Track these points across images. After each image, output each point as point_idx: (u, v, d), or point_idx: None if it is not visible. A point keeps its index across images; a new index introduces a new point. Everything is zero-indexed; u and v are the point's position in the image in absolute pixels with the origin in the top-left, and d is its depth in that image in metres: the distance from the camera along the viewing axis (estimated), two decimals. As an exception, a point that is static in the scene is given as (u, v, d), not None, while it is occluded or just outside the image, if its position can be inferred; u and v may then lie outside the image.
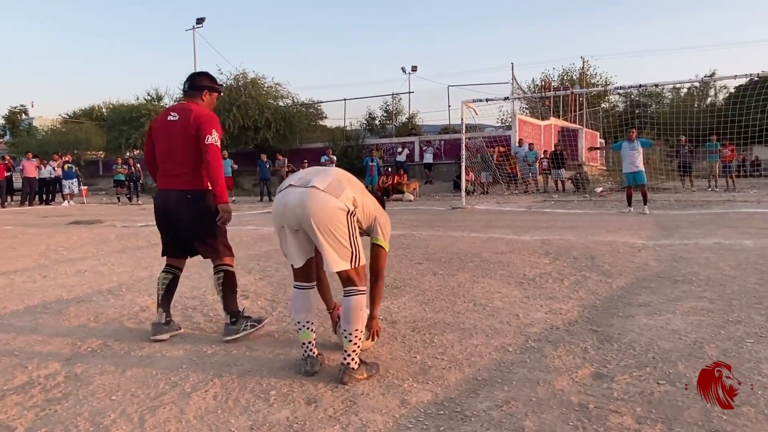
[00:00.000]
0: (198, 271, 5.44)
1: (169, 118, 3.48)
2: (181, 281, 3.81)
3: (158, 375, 2.89)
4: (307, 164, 19.23)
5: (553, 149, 19.70)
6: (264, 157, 20.32)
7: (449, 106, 28.68)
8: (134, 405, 2.53)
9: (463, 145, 14.72)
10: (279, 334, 3.61)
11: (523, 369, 2.87)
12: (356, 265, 2.76)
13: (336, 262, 2.68)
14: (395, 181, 18.41)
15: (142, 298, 4.66)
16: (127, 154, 24.59)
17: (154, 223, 3.70)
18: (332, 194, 2.68)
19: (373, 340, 3.20)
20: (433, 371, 2.87)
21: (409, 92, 35.10)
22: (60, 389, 2.73)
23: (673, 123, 20.16)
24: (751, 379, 2.63)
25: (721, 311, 3.82)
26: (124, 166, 20.33)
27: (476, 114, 15.00)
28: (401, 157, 23.20)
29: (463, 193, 14.67)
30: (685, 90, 46.62)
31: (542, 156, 19.56)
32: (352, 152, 23.90)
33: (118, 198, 20.40)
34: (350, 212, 2.72)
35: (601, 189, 17.17)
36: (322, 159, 18.85)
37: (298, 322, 2.89)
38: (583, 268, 5.53)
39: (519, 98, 26.71)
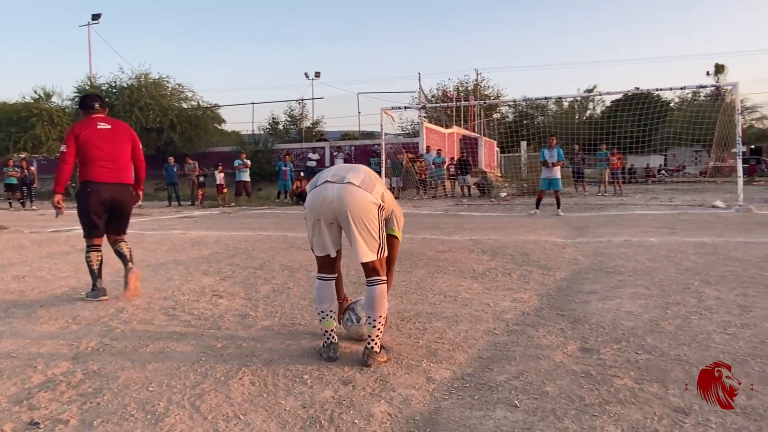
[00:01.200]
0: (190, 271, 5.37)
1: (100, 127, 4.58)
2: (174, 282, 3.82)
3: (182, 368, 2.95)
4: (221, 168, 18.83)
5: (460, 156, 20.67)
6: (171, 160, 19.66)
7: (359, 112, 29.24)
8: (177, 394, 2.61)
9: (384, 151, 15.14)
10: (278, 327, 3.74)
11: (518, 347, 3.23)
12: (382, 256, 2.99)
13: (366, 253, 2.90)
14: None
15: (111, 301, 4.56)
16: (21, 155, 22.69)
17: (79, 218, 4.57)
18: (366, 190, 2.90)
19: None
20: (441, 353, 3.16)
21: (318, 98, 35.18)
22: (88, 384, 2.73)
23: (556, 132, 21.91)
24: (708, 346, 3.15)
25: (659, 296, 4.41)
26: (16, 169, 18.81)
27: (394, 120, 15.51)
28: (312, 162, 23.31)
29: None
30: (566, 103, 50.36)
31: (449, 162, 20.46)
32: (262, 157, 23.66)
33: (10, 203, 18.85)
34: (380, 206, 2.95)
35: (505, 194, 18.27)
36: (236, 163, 18.54)
37: (322, 311, 3.05)
38: (522, 264, 6.05)
39: (435, 106, 27.64)
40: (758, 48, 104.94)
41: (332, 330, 3.06)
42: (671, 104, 44.86)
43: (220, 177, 18.42)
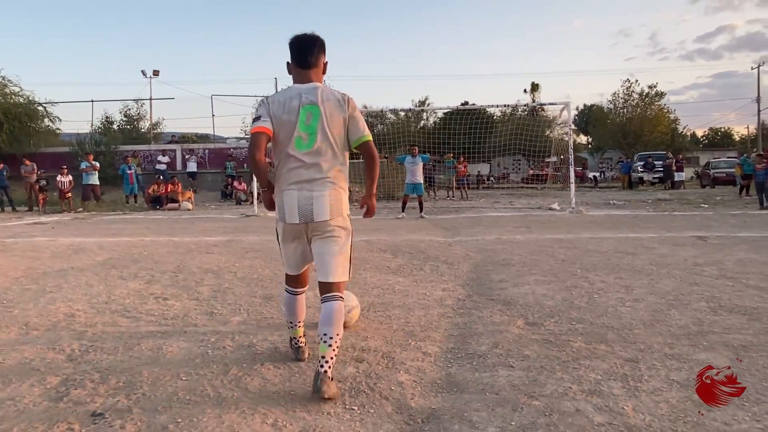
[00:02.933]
0: (103, 278, 5.16)
1: None
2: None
3: (197, 360, 3.11)
4: (66, 170, 17.33)
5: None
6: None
7: (213, 114, 28.37)
8: (215, 380, 2.79)
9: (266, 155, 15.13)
10: (254, 321, 3.94)
11: (477, 326, 3.82)
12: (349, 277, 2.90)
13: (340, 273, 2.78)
14: (168, 190, 17.74)
15: (57, 307, 4.37)
16: None
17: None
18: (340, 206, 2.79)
19: (370, 216, 3.09)
20: (418, 334, 3.64)
21: (168, 98, 33.45)
22: (115, 380, 2.79)
23: (393, 141, 23.36)
24: (620, 316, 4.00)
25: (557, 281, 5.29)
26: None
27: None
28: (162, 165, 22.28)
29: (255, 201, 15.11)
30: (403, 113, 53.29)
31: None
32: (104, 159, 22.06)
33: None
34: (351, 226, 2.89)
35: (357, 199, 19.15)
36: (82, 165, 17.18)
37: (290, 322, 3.10)
38: (426, 260, 6.71)
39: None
40: (561, 70, 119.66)
41: (300, 337, 3.17)
42: (495, 117, 49.55)
43: (65, 180, 16.91)
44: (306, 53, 2.81)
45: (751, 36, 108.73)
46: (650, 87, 51.58)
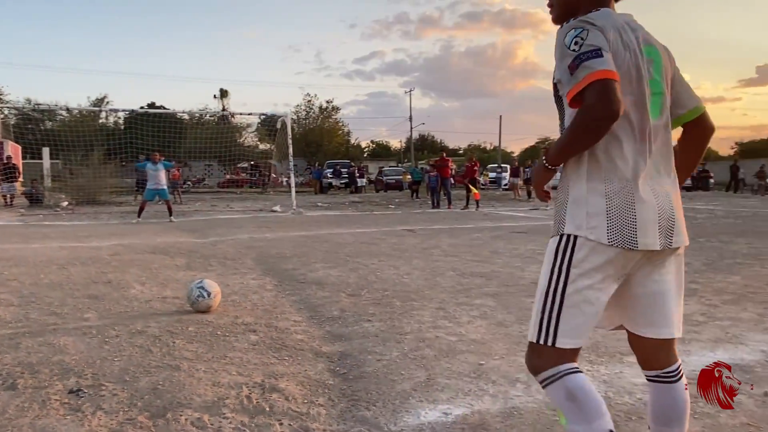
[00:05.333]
0: None
1: None
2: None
3: (210, 338, 3.33)
4: None
5: (7, 162, 18.40)
6: None
7: None
8: (264, 371, 3.15)
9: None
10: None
11: (314, 300, 4.70)
12: None
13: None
14: None
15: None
16: None
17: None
18: None
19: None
20: (273, 311, 4.37)
21: None
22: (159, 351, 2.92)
23: (67, 140, 21.79)
24: (405, 284, 5.33)
25: (340, 266, 6.43)
26: None
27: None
28: None
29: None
30: (77, 111, 48.46)
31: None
32: None
33: None
34: None
35: (67, 203, 17.46)
36: None
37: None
38: (205, 257, 7.17)
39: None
40: (243, 79, 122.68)
41: None
42: (184, 122, 48.80)
43: None
44: None
45: (398, 62, 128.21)
46: (328, 102, 57.29)
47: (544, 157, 1.61)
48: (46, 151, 28.40)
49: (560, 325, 1.58)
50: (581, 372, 1.60)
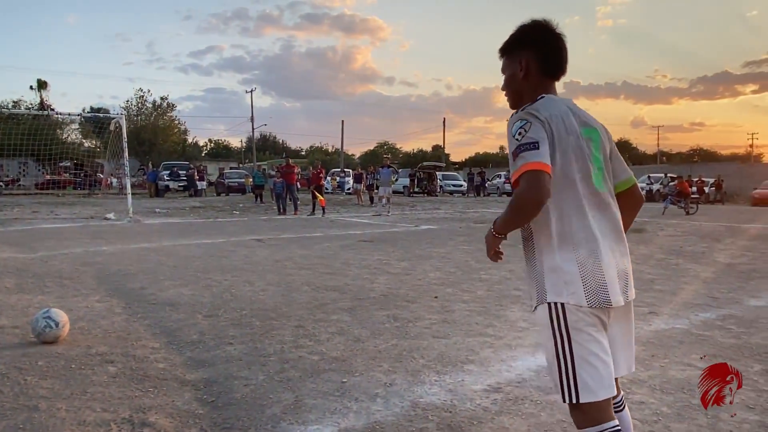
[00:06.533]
0: None
1: None
2: None
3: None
4: None
5: None
6: None
7: None
8: (130, 404, 2.98)
9: None
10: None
11: (168, 323, 4.65)
12: None
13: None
14: None
15: None
16: None
17: None
18: None
19: None
20: (128, 338, 4.26)
21: None
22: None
23: None
24: (261, 302, 5.44)
25: (191, 283, 6.34)
26: None
27: None
28: None
29: None
30: None
31: None
32: None
33: None
34: None
35: None
36: None
37: None
38: (39, 277, 6.65)
39: None
40: (64, 69, 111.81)
41: None
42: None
43: None
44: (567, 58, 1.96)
45: (236, 58, 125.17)
46: (162, 98, 54.32)
47: (492, 227, 1.86)
48: None
49: (579, 383, 1.74)
50: (619, 429, 1.77)
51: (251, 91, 64.12)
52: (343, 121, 57.54)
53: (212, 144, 78.29)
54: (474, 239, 10.75)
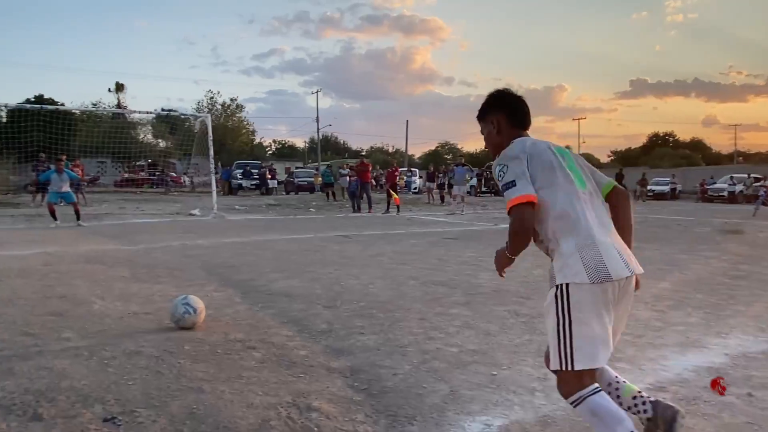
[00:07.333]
0: None
1: None
2: None
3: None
4: None
5: None
6: None
7: None
8: (288, 389, 3.06)
9: None
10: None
11: (294, 313, 4.70)
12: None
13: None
14: None
15: None
16: None
17: None
18: None
19: None
20: (259, 326, 4.33)
21: None
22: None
23: None
24: (375, 295, 5.44)
25: (297, 275, 6.41)
26: None
27: None
28: None
29: None
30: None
31: None
32: None
33: None
34: None
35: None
36: None
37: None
38: (149, 267, 6.88)
39: None
40: (136, 72, 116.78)
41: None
42: (75, 116, 45.77)
43: None
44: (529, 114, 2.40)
45: (298, 60, 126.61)
46: (232, 100, 55.80)
47: (506, 247, 2.16)
48: None
49: (575, 353, 1.99)
50: (600, 391, 2.03)
51: (316, 92, 65.22)
52: (407, 120, 57.71)
53: (277, 144, 79.89)
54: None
